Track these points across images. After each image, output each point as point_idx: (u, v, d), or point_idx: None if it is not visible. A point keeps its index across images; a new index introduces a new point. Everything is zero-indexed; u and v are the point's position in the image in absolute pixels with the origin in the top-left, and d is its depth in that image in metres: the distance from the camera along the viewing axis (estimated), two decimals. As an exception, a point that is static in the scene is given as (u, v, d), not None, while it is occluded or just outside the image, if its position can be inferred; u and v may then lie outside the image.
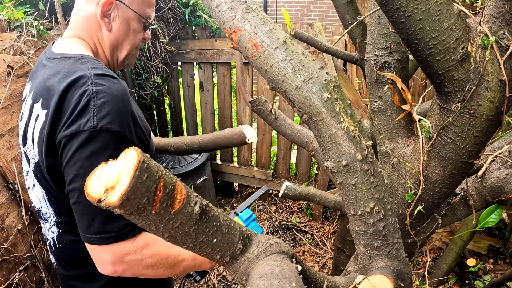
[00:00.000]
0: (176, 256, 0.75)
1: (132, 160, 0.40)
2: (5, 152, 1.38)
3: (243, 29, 0.56)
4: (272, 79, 0.55)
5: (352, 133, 0.55)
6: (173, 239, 0.48)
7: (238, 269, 0.58)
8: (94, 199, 0.39)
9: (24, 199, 1.40)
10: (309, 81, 0.52)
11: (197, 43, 2.58)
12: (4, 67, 1.42)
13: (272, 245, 0.61)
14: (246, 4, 0.58)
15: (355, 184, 0.57)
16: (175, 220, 0.45)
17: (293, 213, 2.76)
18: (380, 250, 0.62)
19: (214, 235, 0.51)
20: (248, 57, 0.57)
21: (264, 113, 1.49)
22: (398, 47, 0.84)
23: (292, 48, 0.54)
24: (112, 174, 0.41)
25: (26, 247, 1.44)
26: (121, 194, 0.37)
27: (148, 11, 0.85)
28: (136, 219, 0.44)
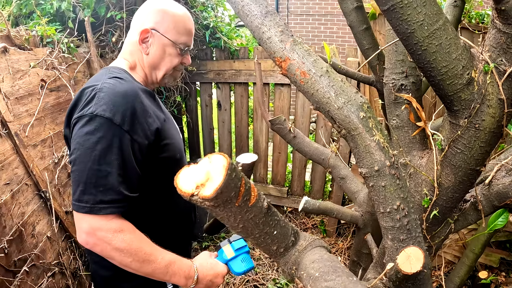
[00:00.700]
0: (148, 254, 0.83)
1: (220, 162, 0.56)
2: (38, 162, 1.53)
3: (292, 58, 0.74)
4: (317, 101, 0.72)
5: (382, 144, 0.72)
6: (245, 230, 0.64)
7: (289, 260, 0.74)
8: (187, 194, 0.55)
9: (54, 208, 1.54)
10: (348, 103, 0.70)
11: (216, 64, 2.82)
12: (38, 80, 1.59)
13: (315, 240, 0.78)
14: (293, 38, 0.77)
15: (384, 185, 0.73)
16: (250, 212, 0.61)
17: (307, 230, 2.90)
18: (405, 242, 0.78)
19: (275, 227, 0.68)
20: (296, 82, 0.75)
21: (283, 131, 1.66)
22: (413, 72, 1.03)
23: (333, 76, 0.72)
24: (198, 175, 0.57)
25: (54, 254, 1.57)
26: (216, 188, 0.53)
27: (183, 39, 1.01)
28: (220, 211, 0.59)
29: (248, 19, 0.81)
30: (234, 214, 0.59)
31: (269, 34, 0.77)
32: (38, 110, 1.56)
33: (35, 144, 1.56)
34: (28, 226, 1.48)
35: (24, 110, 1.53)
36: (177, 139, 1.05)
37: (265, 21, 0.78)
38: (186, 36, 1.02)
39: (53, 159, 1.65)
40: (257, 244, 0.69)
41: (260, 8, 0.80)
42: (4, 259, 1.36)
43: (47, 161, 1.61)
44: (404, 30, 0.71)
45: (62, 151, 1.70)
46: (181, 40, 1.01)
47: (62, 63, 1.71)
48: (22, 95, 1.53)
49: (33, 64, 1.58)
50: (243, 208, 0.59)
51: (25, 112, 1.54)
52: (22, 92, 1.53)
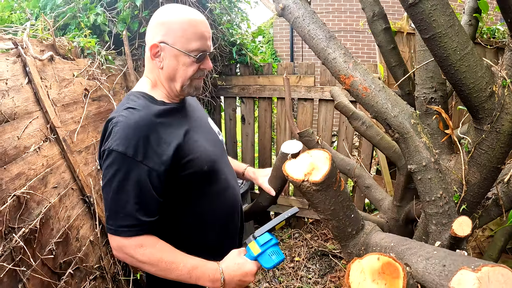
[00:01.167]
0: (169, 263, 1.01)
1: (322, 155, 0.83)
2: (82, 168, 1.75)
3: (355, 76, 1.02)
4: (377, 111, 1.00)
5: (427, 144, 1.00)
6: (334, 212, 0.89)
7: (358, 241, 0.99)
8: (298, 180, 0.81)
9: (97, 213, 1.75)
10: (402, 112, 0.98)
11: (241, 79, 3.17)
12: (82, 89, 1.83)
13: (375, 226, 1.04)
14: (353, 59, 1.05)
15: (430, 178, 1.00)
16: (341, 195, 0.87)
17: (328, 240, 3.17)
18: (446, 226, 1.04)
19: (353, 211, 0.94)
20: (358, 96, 1.02)
21: (311, 143, 1.92)
22: (441, 87, 1.32)
23: (388, 91, 1.00)
24: (302, 166, 0.83)
25: (96, 258, 1.76)
26: (324, 174, 0.79)
27: (195, 45, 1.04)
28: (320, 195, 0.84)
29: (314, 41, 1.08)
30: (330, 197, 0.85)
31: (334, 55, 1.05)
32: (82, 118, 1.79)
33: (80, 150, 1.78)
34: (73, 230, 1.69)
35: (70, 117, 1.76)
36: (204, 148, 1.13)
37: (330, 44, 1.06)
38: (198, 41, 1.05)
39: (96, 165, 1.87)
40: (337, 227, 0.94)
41: (324, 32, 1.07)
42: (51, 261, 1.55)
43: (90, 167, 1.83)
44: (441, 54, 0.98)
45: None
46: (192, 47, 1.04)
47: (102, 74, 1.96)
48: (67, 103, 1.77)
49: (76, 74, 1.82)
50: (337, 192, 0.85)
51: (71, 119, 1.77)
52: (68, 100, 1.77)
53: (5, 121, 1.40)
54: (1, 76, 1.42)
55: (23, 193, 1.43)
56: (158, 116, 1.04)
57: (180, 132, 1.07)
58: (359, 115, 1.79)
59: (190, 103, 1.28)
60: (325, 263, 2.88)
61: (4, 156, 1.37)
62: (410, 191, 1.79)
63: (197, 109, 1.31)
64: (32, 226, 1.45)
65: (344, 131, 2.99)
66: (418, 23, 0.92)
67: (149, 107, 1.04)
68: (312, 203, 0.87)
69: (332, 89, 1.94)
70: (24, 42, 1.59)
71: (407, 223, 1.89)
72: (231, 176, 1.29)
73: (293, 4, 1.11)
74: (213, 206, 1.19)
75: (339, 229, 0.94)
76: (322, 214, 0.90)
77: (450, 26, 0.91)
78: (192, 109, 1.26)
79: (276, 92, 3.08)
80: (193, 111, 1.26)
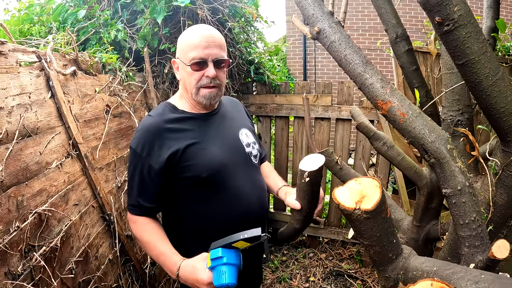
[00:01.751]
0: (145, 242, 1.28)
1: (371, 183, 0.89)
2: (103, 185, 1.81)
3: (393, 102, 1.10)
4: (414, 136, 1.08)
5: (462, 169, 1.08)
6: (379, 238, 0.95)
7: (397, 266, 1.05)
8: (350, 208, 0.88)
9: (117, 231, 1.80)
10: (439, 137, 1.06)
11: (258, 97, 3.30)
12: (103, 105, 1.90)
13: (412, 250, 1.10)
14: (390, 85, 1.13)
15: (464, 201, 1.08)
16: (387, 222, 0.94)
17: (343, 260, 3.25)
18: (479, 248, 1.11)
19: (394, 236, 1.00)
20: (395, 121, 1.10)
21: (331, 163, 2.00)
22: (467, 109, 1.41)
23: (424, 117, 1.09)
24: (351, 194, 0.90)
25: (114, 277, 1.80)
26: (376, 203, 0.86)
27: (191, 54, 1.21)
28: (369, 222, 0.90)
29: (350, 66, 1.17)
30: (378, 224, 0.91)
31: (371, 81, 1.13)
32: (104, 134, 1.85)
33: (101, 167, 1.84)
34: (93, 248, 1.73)
35: (91, 133, 1.83)
36: (211, 156, 1.27)
37: (367, 70, 1.14)
38: (193, 51, 1.22)
39: (116, 183, 1.93)
40: (379, 253, 1.00)
41: (360, 57, 1.16)
42: (70, 280, 1.59)
43: (110, 184, 1.88)
44: (473, 80, 1.04)
45: (124, 176, 1.98)
46: (189, 57, 1.23)
47: (123, 91, 2.03)
48: (89, 119, 1.83)
49: (98, 89, 1.90)
50: (385, 219, 0.91)
51: (92, 135, 1.83)
52: (90, 116, 1.84)
53: (28, 136, 1.44)
54: (24, 90, 1.45)
55: (45, 210, 1.47)
56: (169, 123, 1.27)
57: (186, 138, 1.26)
58: (380, 135, 1.87)
59: (225, 113, 1.43)
60: (340, 283, 2.94)
61: (26, 171, 1.41)
62: (429, 211, 1.85)
63: (229, 119, 1.43)
64: (53, 245, 1.48)
65: (361, 150, 3.11)
66: (452, 50, 1.00)
67: (163, 115, 1.29)
68: (358, 230, 0.93)
69: (352, 109, 2.03)
70: (47, 55, 1.63)
71: (427, 243, 1.95)
72: (249, 187, 1.37)
73: (329, 28, 1.18)
74: (215, 212, 1.31)
75: (381, 255, 1.00)
76: (367, 240, 0.96)
77: (483, 53, 0.99)
78: (222, 119, 1.40)
79: (293, 111, 3.21)
80: (222, 120, 1.40)
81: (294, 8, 7.16)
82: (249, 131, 1.48)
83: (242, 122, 1.49)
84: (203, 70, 1.24)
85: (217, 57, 1.24)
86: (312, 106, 3.07)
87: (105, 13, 2.22)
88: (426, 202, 1.83)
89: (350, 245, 3.36)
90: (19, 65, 1.48)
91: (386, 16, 1.65)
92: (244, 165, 1.38)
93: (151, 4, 2.15)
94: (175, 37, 2.39)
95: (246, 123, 1.51)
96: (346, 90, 3.02)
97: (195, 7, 2.20)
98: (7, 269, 1.26)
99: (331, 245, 3.43)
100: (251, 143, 1.45)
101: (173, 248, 1.25)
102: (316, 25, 1.21)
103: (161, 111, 1.31)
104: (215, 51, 1.23)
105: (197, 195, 1.30)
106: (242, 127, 1.46)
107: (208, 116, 1.35)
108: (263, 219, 1.45)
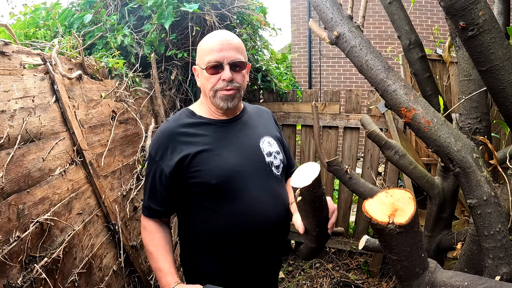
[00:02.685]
0: (149, 252, 1.30)
1: (404, 194, 0.84)
2: (108, 193, 1.75)
3: (417, 109, 1.05)
4: (439, 145, 1.03)
5: (488, 178, 1.03)
6: (409, 254, 0.89)
7: (423, 281, 0.99)
8: (384, 223, 0.82)
9: (122, 241, 1.74)
10: (465, 146, 1.01)
11: (265, 105, 3.24)
12: (109, 111, 1.86)
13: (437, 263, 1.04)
14: (414, 92, 1.09)
15: (490, 212, 1.03)
16: (418, 236, 0.88)
17: (350, 271, 3.18)
18: (503, 259, 1.06)
19: (423, 250, 0.95)
20: (419, 130, 1.05)
21: (340, 173, 1.95)
22: (485, 117, 1.38)
23: (449, 125, 1.05)
24: (383, 207, 0.85)
25: (118, 289, 1.74)
26: (410, 217, 0.80)
27: (206, 58, 1.21)
28: (401, 237, 0.84)
29: (372, 72, 1.12)
30: (409, 238, 0.86)
31: (394, 87, 1.08)
32: (110, 141, 1.80)
33: (106, 175, 1.79)
34: (97, 259, 1.67)
35: (97, 140, 1.78)
36: (223, 163, 1.23)
37: (389, 76, 1.10)
38: (209, 55, 1.21)
39: (122, 191, 1.87)
40: (407, 267, 0.94)
41: (382, 63, 1.11)
42: (72, 292, 1.52)
43: (115, 193, 1.83)
44: (496, 87, 1.00)
45: (130, 184, 1.93)
46: (205, 61, 1.22)
47: (129, 96, 1.99)
48: (95, 124, 1.78)
49: (104, 95, 1.85)
50: (417, 233, 0.86)
51: (97, 142, 1.78)
52: (95, 122, 1.79)
53: (30, 141, 1.37)
54: (28, 93, 1.39)
55: (47, 220, 1.40)
56: (184, 127, 1.27)
57: (199, 144, 1.25)
58: (392, 144, 1.83)
59: (248, 120, 1.40)
60: (347, 295, 2.87)
61: (28, 178, 1.34)
62: (441, 221, 1.82)
63: (251, 126, 1.38)
64: (55, 256, 1.42)
65: (369, 159, 3.06)
66: (476, 55, 0.96)
67: (179, 120, 1.30)
68: (388, 245, 0.88)
69: (362, 118, 1.99)
70: (53, 58, 1.58)
71: (438, 254, 1.90)
72: (267, 199, 1.29)
73: (349, 32, 1.13)
74: (225, 223, 1.26)
75: (408, 270, 0.95)
76: (396, 255, 0.90)
77: (507, 58, 0.95)
78: (243, 126, 1.36)
79: (300, 120, 3.16)
80: (243, 127, 1.36)
81: (300, 17, 7.20)
82: (273, 140, 1.41)
83: (266, 130, 1.42)
84: (219, 74, 1.22)
85: (233, 60, 1.22)
86: (320, 114, 3.03)
87: (111, 17, 2.19)
88: (438, 212, 1.79)
89: (357, 255, 3.29)
90: (23, 67, 1.43)
91: (399, 23, 1.62)
92: (262, 175, 1.31)
93: (159, 10, 2.12)
94: (182, 43, 2.36)
95: (271, 132, 1.44)
96: (354, 98, 2.98)
97: (203, 13, 2.17)
98: (6, 281, 1.20)
99: (338, 255, 3.36)
100: (274, 152, 1.38)
101: (172, 267, 1.26)
102: (335, 29, 1.16)
103: (178, 116, 1.32)
104: (230, 54, 1.21)
105: (207, 203, 1.26)
106: (265, 135, 1.39)
107: (227, 123, 1.33)
108: (282, 234, 1.37)
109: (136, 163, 2.02)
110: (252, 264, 1.32)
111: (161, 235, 1.30)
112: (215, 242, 1.29)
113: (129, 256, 1.81)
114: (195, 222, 1.31)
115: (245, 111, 1.43)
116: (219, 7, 2.31)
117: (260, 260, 1.33)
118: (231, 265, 1.30)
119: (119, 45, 2.10)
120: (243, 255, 1.29)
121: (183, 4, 2.09)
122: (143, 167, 2.04)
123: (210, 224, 1.27)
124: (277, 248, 1.38)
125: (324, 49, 7.04)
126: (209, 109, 1.32)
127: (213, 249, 1.29)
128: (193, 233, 1.33)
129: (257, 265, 1.33)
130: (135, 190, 1.97)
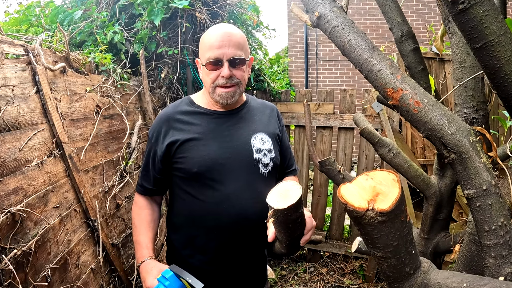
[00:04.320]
0: (134, 225, 1.34)
1: (387, 176, 0.69)
2: (88, 188, 1.62)
3: (405, 89, 0.92)
4: (431, 128, 0.89)
5: (487, 165, 0.89)
6: (395, 248, 0.75)
7: (414, 282, 0.84)
8: (362, 209, 0.67)
9: (102, 238, 1.59)
10: (460, 129, 0.87)
11: None
12: (93, 105, 1.74)
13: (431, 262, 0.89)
14: (400, 72, 0.96)
15: (491, 204, 0.88)
16: (406, 228, 0.74)
17: (345, 275, 2.99)
18: (506, 258, 0.90)
19: (414, 246, 0.80)
20: (408, 112, 0.92)
21: (333, 173, 1.81)
22: (482, 106, 1.23)
23: (442, 106, 0.91)
24: (362, 192, 0.69)
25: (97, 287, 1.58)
26: (394, 201, 0.65)
27: (207, 55, 1.19)
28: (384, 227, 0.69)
29: (355, 52, 0.99)
30: (395, 230, 0.70)
31: (380, 66, 0.95)
32: (92, 135, 1.68)
33: (87, 170, 1.66)
34: (73, 255, 1.53)
35: (78, 134, 1.66)
36: (207, 153, 1.22)
37: (374, 55, 0.97)
38: (209, 51, 1.19)
39: (103, 187, 1.74)
40: (394, 266, 0.79)
41: (366, 42, 0.99)
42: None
43: (97, 188, 1.69)
44: (493, 65, 0.86)
45: (113, 181, 1.79)
46: (205, 58, 1.21)
47: (115, 92, 1.88)
48: (77, 118, 1.67)
49: (89, 89, 1.74)
50: (403, 223, 0.71)
51: (79, 135, 1.66)
52: (78, 115, 1.67)
53: (7, 130, 1.30)
54: (7, 82, 1.33)
55: (19, 210, 1.30)
56: (180, 114, 1.29)
57: (190, 132, 1.25)
58: (385, 142, 1.70)
59: (246, 115, 1.35)
60: (341, 300, 2.67)
61: (1, 167, 1.25)
62: (438, 223, 1.68)
63: (248, 120, 1.34)
64: (26, 248, 1.30)
65: (364, 160, 2.90)
66: (469, 31, 0.83)
67: (178, 107, 1.32)
68: (370, 238, 0.72)
69: (355, 115, 1.87)
70: (36, 50, 1.51)
71: (435, 257, 1.75)
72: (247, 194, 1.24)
73: (331, 12, 1.02)
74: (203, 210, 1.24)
75: (396, 269, 0.80)
76: (380, 251, 0.75)
77: (502, 33, 0.82)
78: (239, 119, 1.32)
79: (294, 120, 3.02)
80: (238, 121, 1.32)
81: (297, 20, 7.09)
82: (268, 137, 1.34)
83: (263, 126, 1.36)
84: (219, 70, 1.20)
85: (232, 56, 1.19)
86: (313, 115, 2.89)
87: (101, 14, 2.09)
88: (435, 213, 1.65)
89: (352, 259, 3.09)
90: (5, 57, 1.36)
91: (391, 14, 1.50)
92: (247, 171, 1.26)
93: (149, 6, 2.02)
94: (174, 41, 2.26)
95: (269, 129, 1.37)
96: (349, 98, 2.84)
97: (194, 10, 2.07)
98: (-29, 271, 1.08)
99: (332, 259, 3.17)
100: (265, 150, 1.31)
101: (150, 242, 1.30)
102: (316, 10, 1.05)
103: (178, 103, 1.35)
104: (230, 50, 1.19)
105: (189, 189, 1.27)
106: (259, 131, 1.33)
107: (222, 115, 1.31)
108: (259, 231, 1.24)
109: (120, 159, 1.89)
110: (225, 255, 1.29)
111: (148, 212, 1.35)
112: (191, 227, 1.30)
113: (109, 254, 1.66)
114: (178, 206, 1.33)
115: (246, 105, 1.39)
116: (210, 4, 2.20)
117: (234, 253, 1.29)
118: (203, 253, 1.29)
119: (109, 42, 2.00)
120: (215, 245, 1.27)
121: (173, 1, 1.99)
122: (127, 164, 1.91)
123: (189, 209, 1.28)
124: (254, 244, 1.31)
125: (321, 52, 6.90)
126: (209, 101, 1.32)
127: (188, 234, 1.31)
128: (175, 216, 1.36)
129: (230, 257, 1.30)
130: (118, 187, 1.83)
